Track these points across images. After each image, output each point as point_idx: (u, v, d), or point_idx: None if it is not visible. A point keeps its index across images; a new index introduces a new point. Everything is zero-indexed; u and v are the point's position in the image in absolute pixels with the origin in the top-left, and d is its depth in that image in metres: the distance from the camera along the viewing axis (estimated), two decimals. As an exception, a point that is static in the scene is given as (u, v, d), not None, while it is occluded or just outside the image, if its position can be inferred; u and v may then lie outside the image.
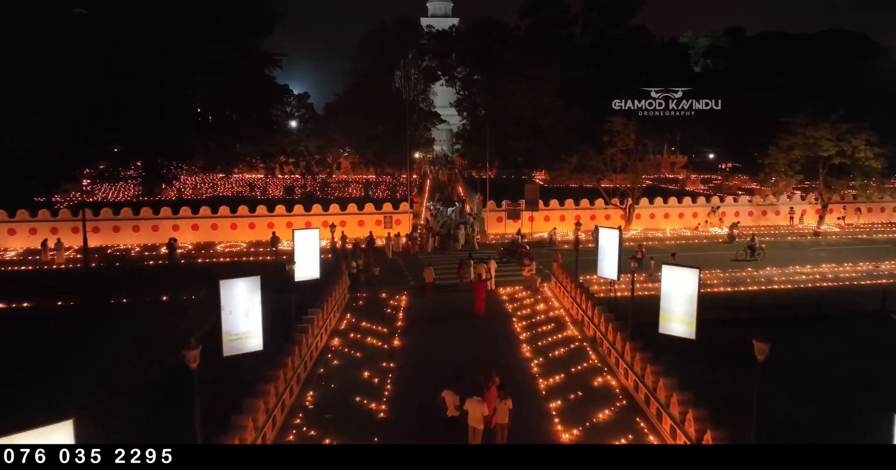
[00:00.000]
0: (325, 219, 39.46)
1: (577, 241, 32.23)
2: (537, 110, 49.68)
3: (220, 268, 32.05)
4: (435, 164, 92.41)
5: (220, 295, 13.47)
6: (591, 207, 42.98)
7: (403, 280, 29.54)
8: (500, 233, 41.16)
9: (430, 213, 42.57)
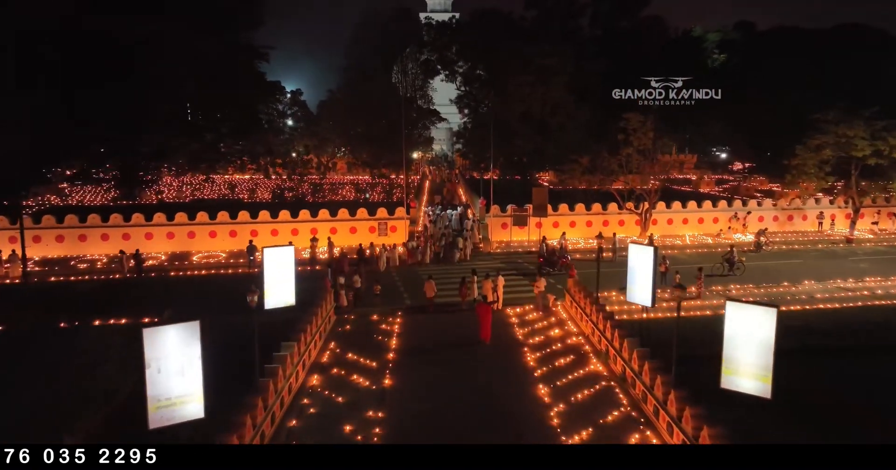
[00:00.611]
0: (314, 226, 36.30)
1: (600, 253, 28.93)
2: (545, 106, 46.40)
3: (193, 282, 28.87)
4: (434, 164, 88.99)
5: (144, 348, 10.23)
6: (604, 212, 39.74)
7: (398, 298, 26.30)
8: (504, 240, 37.93)
9: (429, 219, 39.29)
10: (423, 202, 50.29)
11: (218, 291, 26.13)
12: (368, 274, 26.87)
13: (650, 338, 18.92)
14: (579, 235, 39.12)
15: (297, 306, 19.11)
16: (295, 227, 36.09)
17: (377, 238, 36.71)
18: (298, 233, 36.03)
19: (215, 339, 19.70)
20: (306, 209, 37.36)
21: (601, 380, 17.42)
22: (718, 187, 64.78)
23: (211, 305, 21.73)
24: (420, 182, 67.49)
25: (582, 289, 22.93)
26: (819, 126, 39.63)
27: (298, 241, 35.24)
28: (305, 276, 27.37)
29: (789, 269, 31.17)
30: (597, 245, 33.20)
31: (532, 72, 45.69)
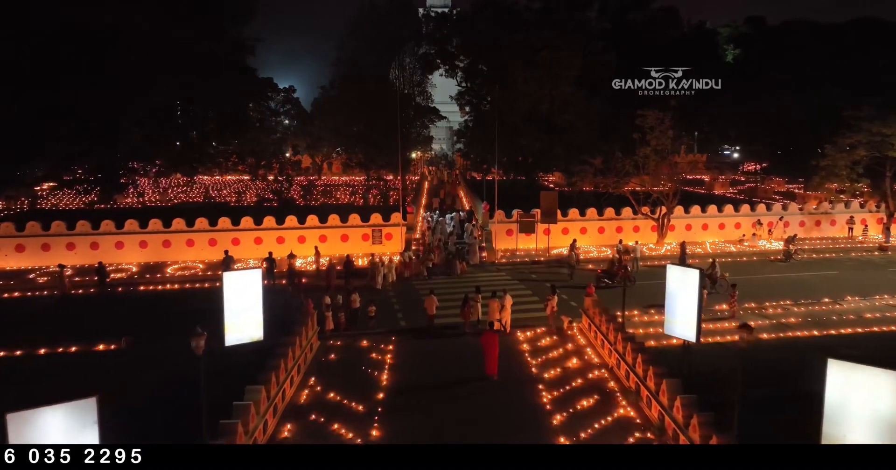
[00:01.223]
0: (301, 233, 33.38)
1: (626, 271, 26.05)
2: (553, 103, 43.41)
3: (163, 298, 25.94)
4: (433, 164, 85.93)
5: (8, 436, 7.27)
6: (617, 218, 36.82)
7: (392, 318, 23.35)
8: (510, 248, 35.02)
9: (428, 226, 36.30)
10: (422, 206, 47.31)
11: (190, 310, 23.23)
12: (360, 290, 23.87)
13: (688, 370, 16.06)
14: (591, 243, 36.23)
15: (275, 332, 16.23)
16: (280, 234, 33.17)
17: (371, 246, 33.86)
18: (284, 241, 33.14)
19: (174, 372, 16.96)
20: (293, 215, 34.37)
21: (634, 429, 14.50)
22: (733, 189, 61.88)
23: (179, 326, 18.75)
24: (419, 183, 64.52)
25: (602, 310, 20.01)
26: (851, 124, 36.78)
27: (283, 249, 32.40)
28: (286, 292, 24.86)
29: (825, 281, 28.29)
30: (615, 254, 30.34)
31: (540, 66, 42.70)
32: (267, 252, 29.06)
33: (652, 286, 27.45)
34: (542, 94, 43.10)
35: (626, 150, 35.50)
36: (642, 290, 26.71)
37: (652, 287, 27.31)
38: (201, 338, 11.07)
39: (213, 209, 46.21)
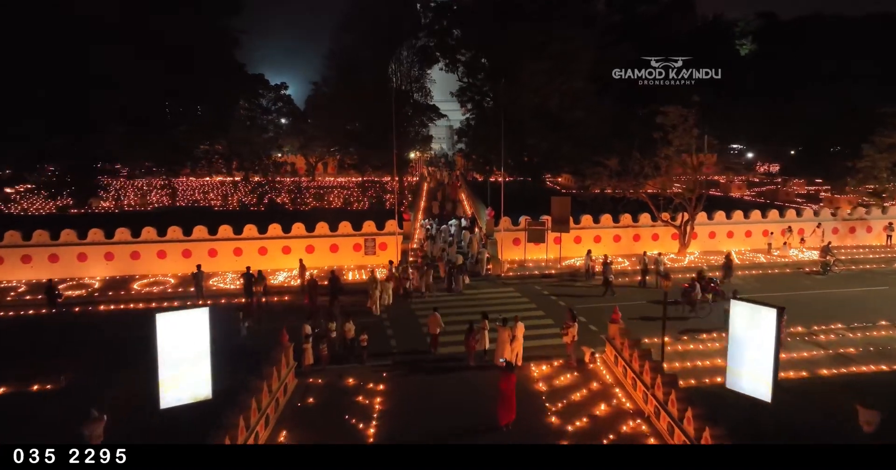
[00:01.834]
0: (286, 243, 30.29)
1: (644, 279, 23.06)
2: (563, 99, 40.25)
3: (123, 321, 22.77)
4: (433, 164, 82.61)
5: None
6: (635, 225, 33.71)
7: (384, 344, 20.22)
8: (517, 259, 31.93)
9: (427, 234, 33.09)
10: (420, 210, 44.12)
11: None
12: (352, 313, 20.68)
13: (755, 431, 12.99)
14: (606, 252, 33.01)
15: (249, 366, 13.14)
16: (263, 244, 30.06)
17: (363, 258, 30.77)
18: (267, 252, 30.08)
19: (116, 424, 13.80)
20: (279, 222, 31.26)
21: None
22: (750, 191, 58.71)
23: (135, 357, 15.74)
24: (417, 185, 61.31)
25: (631, 342, 16.92)
26: (885, 121, 33.74)
27: (266, 261, 29.36)
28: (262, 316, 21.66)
29: (876, 299, 25.22)
30: (640, 266, 27.23)
31: (548, 59, 39.55)
32: (246, 266, 25.88)
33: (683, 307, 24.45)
34: (550, 89, 39.94)
35: (643, 150, 32.45)
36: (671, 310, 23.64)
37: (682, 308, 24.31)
38: (97, 424, 7.93)
39: (196, 214, 43.23)
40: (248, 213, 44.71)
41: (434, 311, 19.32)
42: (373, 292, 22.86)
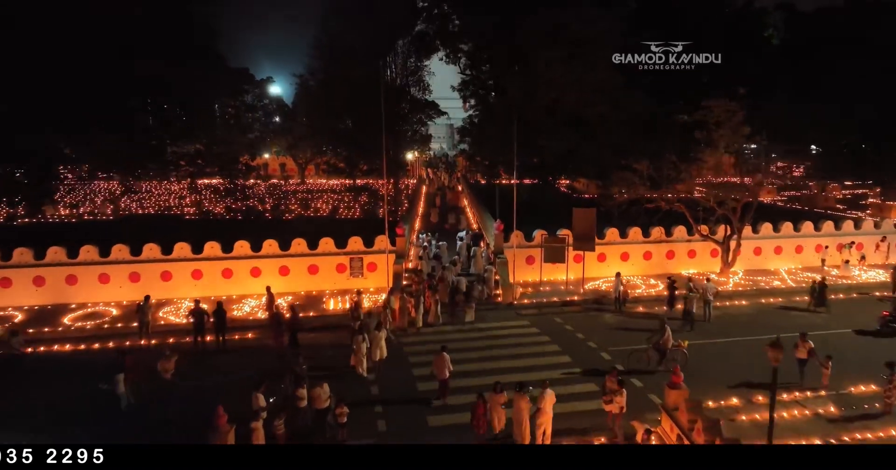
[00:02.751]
0: (256, 264, 25.51)
1: (690, 311, 18.42)
2: (583, 92, 35.41)
3: (39, 370, 17.98)
4: (432, 165, 77.66)
5: None
6: (668, 240, 28.97)
7: (368, 418, 15.30)
8: (531, 281, 27.17)
9: (425, 253, 28.03)
10: (418, 217, 39.29)
11: (71, 395, 15.67)
12: (327, 373, 15.88)
13: None
14: (635, 272, 28.40)
15: None
16: (227, 266, 25.27)
17: (348, 280, 26.00)
18: (233, 275, 25.29)
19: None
20: (256, 235, 26.46)
21: None
22: (780, 196, 53.88)
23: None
24: (416, 188, 56.48)
25: (707, 423, 12.17)
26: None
27: (231, 286, 24.74)
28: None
29: None
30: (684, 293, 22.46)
31: (566, 45, 34.70)
32: (195, 299, 21.11)
33: (738, 345, 19.74)
34: (568, 80, 35.10)
35: (683, 153, 27.76)
36: (721, 350, 19.07)
37: (737, 347, 19.62)
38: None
39: (166, 224, 38.60)
40: (223, 223, 40.04)
41: (442, 350, 15.91)
42: (358, 346, 17.08)
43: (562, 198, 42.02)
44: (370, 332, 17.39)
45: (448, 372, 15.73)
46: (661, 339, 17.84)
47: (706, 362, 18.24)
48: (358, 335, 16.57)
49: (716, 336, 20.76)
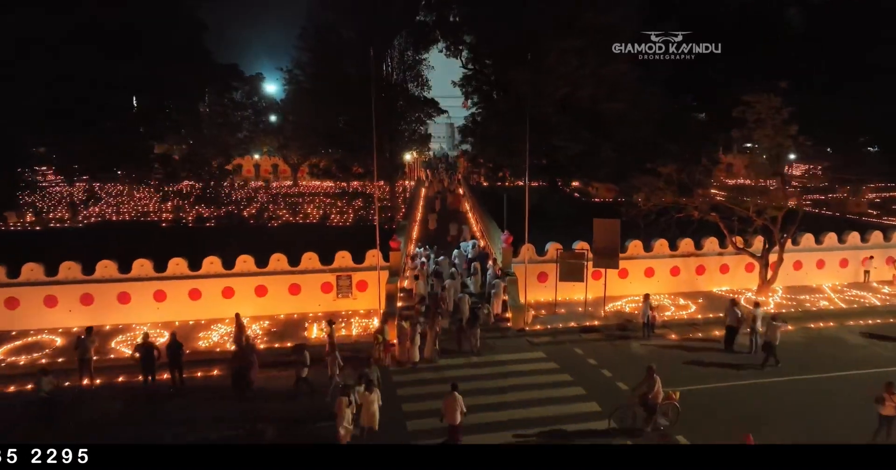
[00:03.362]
0: (228, 283, 22.26)
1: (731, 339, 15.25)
2: (599, 87, 32.09)
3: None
4: (431, 167, 74.28)
5: None
6: (697, 253, 25.73)
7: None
8: (543, 301, 23.93)
9: (423, 269, 24.50)
10: (416, 223, 35.92)
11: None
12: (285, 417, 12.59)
13: None
14: (661, 289, 25.19)
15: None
16: (195, 286, 22.00)
17: (335, 301, 22.79)
18: (201, 296, 22.01)
19: None
20: (226, 250, 23.17)
21: None
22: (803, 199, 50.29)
23: None
24: (414, 191, 53.18)
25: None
26: None
27: (200, 309, 21.57)
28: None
29: None
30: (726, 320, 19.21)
31: (580, 34, 31.37)
32: (144, 332, 17.85)
33: (796, 386, 16.52)
34: (583, 73, 31.76)
35: (713, 155, 24.50)
36: (777, 392, 15.89)
37: (794, 389, 16.43)
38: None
39: (139, 233, 35.39)
40: (202, 232, 36.80)
41: (453, 390, 13.31)
42: (341, 410, 12.79)
43: (572, 202, 38.75)
44: (362, 391, 13.84)
45: (460, 415, 13.01)
46: (651, 391, 14.21)
47: (760, 407, 15.05)
48: (342, 396, 12.98)
49: (767, 374, 17.53)
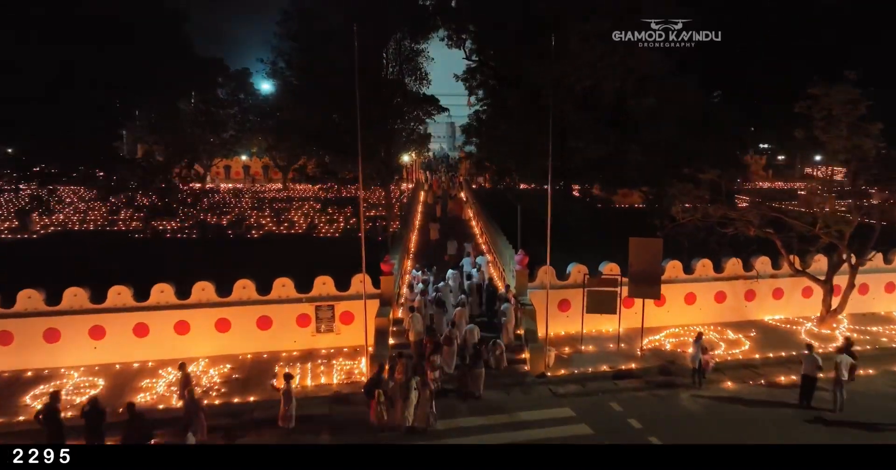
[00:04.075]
0: (182, 317, 18.17)
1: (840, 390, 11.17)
2: (627, 79, 27.98)
3: None
4: (431, 168, 70.07)
5: None
6: (746, 276, 21.64)
7: None
8: (564, 334, 19.95)
9: (423, 298, 20.10)
10: (414, 230, 31.82)
11: None
12: None
13: None
14: (704, 319, 21.28)
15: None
16: (142, 319, 18.01)
17: (313, 338, 18.81)
18: (149, 332, 17.98)
19: None
20: (169, 283, 18.79)
21: None
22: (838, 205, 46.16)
23: None
24: (412, 195, 49.11)
25: None
26: None
27: (147, 347, 17.64)
28: None
29: None
30: (802, 369, 15.20)
31: (608, 15, 27.24)
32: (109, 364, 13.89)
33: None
34: (610, 62, 27.64)
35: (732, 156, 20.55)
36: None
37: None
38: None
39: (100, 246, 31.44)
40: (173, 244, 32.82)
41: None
42: None
43: (590, 210, 34.70)
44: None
45: None
46: None
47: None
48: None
49: (868, 438, 13.57)
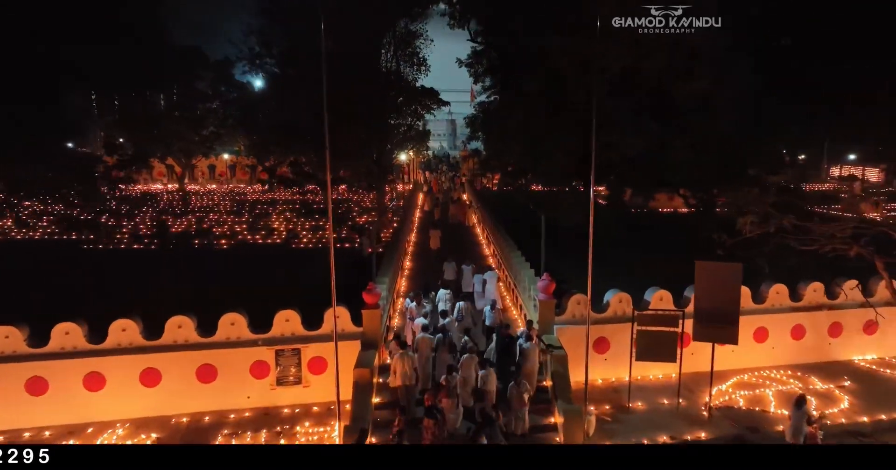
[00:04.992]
0: (96, 368, 13.64)
1: None
2: (671, 60, 23.32)
3: None
4: (431, 168, 65.53)
5: None
6: (833, 304, 17.07)
7: None
8: (604, 383, 15.36)
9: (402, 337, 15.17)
10: (407, 251, 27.14)
11: None
12: None
13: None
14: (779, 361, 16.72)
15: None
16: (38, 373, 13.36)
17: (272, 393, 14.22)
18: (49, 388, 13.41)
19: None
20: (76, 322, 14.07)
21: None
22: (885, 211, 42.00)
23: None
24: (409, 198, 44.58)
25: None
26: None
27: (45, 409, 12.94)
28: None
29: None
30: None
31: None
32: None
33: None
34: (651, 42, 23.02)
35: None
36: None
37: None
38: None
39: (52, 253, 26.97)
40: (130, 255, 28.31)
41: None
42: None
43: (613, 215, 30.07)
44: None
45: None
46: None
47: None
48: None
49: None
